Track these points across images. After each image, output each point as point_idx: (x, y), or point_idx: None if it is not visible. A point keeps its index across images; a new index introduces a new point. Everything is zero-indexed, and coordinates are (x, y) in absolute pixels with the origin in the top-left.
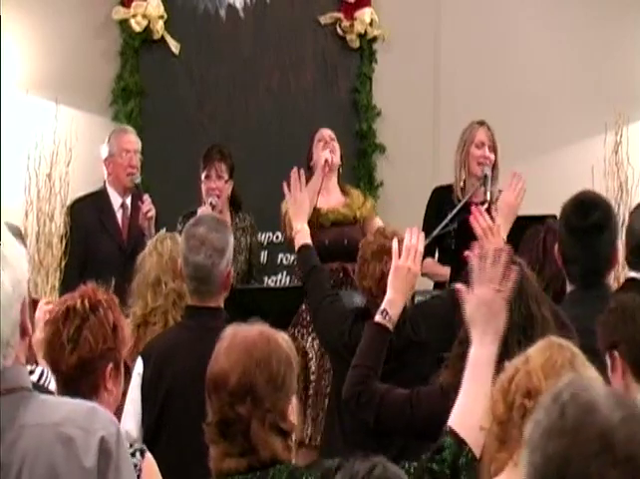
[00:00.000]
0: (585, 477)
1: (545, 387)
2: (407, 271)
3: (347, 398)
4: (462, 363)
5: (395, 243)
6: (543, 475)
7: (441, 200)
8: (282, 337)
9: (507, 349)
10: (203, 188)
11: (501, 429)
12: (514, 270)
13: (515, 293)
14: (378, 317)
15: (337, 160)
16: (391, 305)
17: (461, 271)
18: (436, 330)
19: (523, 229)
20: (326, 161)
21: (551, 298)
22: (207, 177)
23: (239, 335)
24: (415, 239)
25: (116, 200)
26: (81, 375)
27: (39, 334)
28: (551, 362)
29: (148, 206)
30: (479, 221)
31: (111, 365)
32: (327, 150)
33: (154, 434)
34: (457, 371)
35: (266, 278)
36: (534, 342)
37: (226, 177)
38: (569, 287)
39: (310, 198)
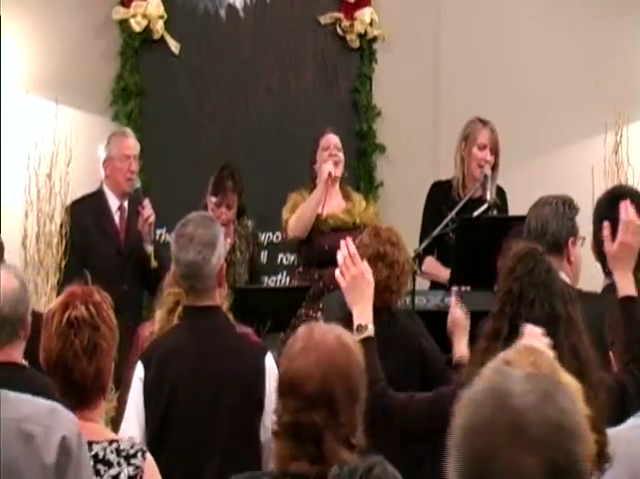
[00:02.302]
0: (504, 469)
1: None
2: (354, 281)
3: (372, 417)
4: (483, 358)
5: (337, 272)
6: (466, 477)
7: (440, 195)
8: (355, 343)
9: None
10: (211, 212)
11: None
12: None
13: (541, 289)
14: (356, 334)
15: (340, 172)
16: (361, 317)
17: (460, 271)
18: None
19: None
20: (329, 174)
21: None
22: (218, 205)
23: (316, 337)
24: (345, 250)
25: (113, 202)
26: (94, 383)
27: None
28: (536, 367)
29: (148, 211)
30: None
31: (113, 364)
32: (330, 162)
33: (158, 437)
34: (477, 366)
35: (266, 278)
36: (558, 342)
37: (236, 204)
38: (605, 281)
39: (313, 210)
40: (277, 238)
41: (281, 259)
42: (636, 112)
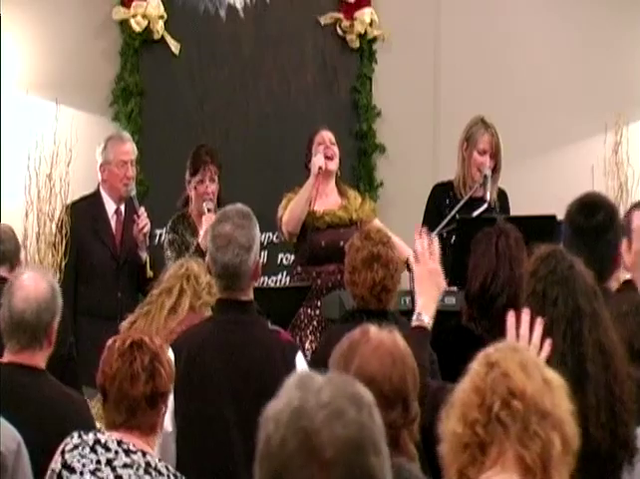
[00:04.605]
0: None
1: (529, 387)
2: (428, 274)
3: None
4: None
5: (411, 257)
6: None
7: (441, 196)
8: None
9: (553, 341)
10: (195, 192)
11: (480, 434)
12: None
13: (563, 287)
14: (415, 321)
15: (334, 166)
16: (424, 308)
17: (460, 271)
18: None
19: (527, 229)
20: (320, 168)
21: (505, 302)
22: (201, 181)
23: (376, 339)
24: (425, 243)
25: (110, 206)
26: (147, 407)
27: None
28: (524, 363)
29: (144, 221)
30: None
31: (164, 408)
32: (320, 155)
33: (184, 430)
34: None
35: (266, 278)
36: (583, 337)
37: (216, 179)
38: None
39: (304, 203)
40: (277, 237)
41: (281, 259)
42: (636, 112)
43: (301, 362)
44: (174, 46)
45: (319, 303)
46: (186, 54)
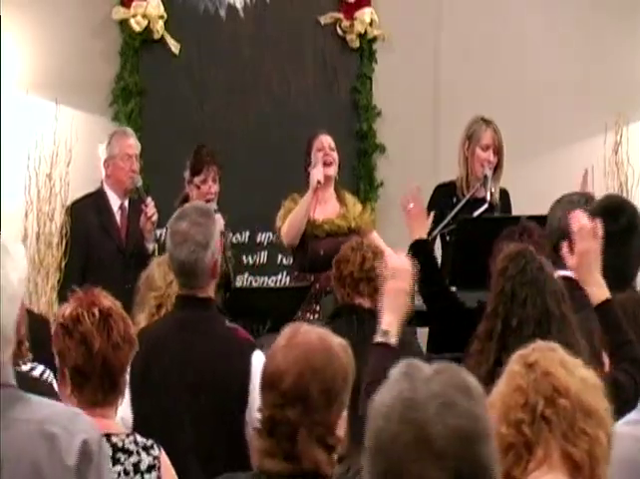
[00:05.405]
0: None
1: (572, 385)
2: (398, 291)
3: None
4: (478, 358)
5: (382, 267)
6: None
7: (443, 197)
8: (342, 347)
9: (521, 342)
10: (197, 191)
11: (527, 433)
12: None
13: (533, 288)
14: (379, 338)
15: (332, 172)
16: (389, 325)
17: (460, 272)
18: None
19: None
20: (318, 182)
21: None
22: (205, 181)
23: (299, 336)
24: (402, 260)
25: (114, 201)
26: (124, 372)
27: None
28: (564, 362)
29: (152, 209)
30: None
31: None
32: (319, 166)
33: (144, 422)
34: (472, 369)
35: (266, 278)
36: (551, 338)
37: (217, 179)
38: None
39: (303, 216)
40: (277, 238)
41: (281, 260)
42: (636, 112)
43: (258, 360)
44: (174, 46)
45: (318, 308)
46: (186, 54)
